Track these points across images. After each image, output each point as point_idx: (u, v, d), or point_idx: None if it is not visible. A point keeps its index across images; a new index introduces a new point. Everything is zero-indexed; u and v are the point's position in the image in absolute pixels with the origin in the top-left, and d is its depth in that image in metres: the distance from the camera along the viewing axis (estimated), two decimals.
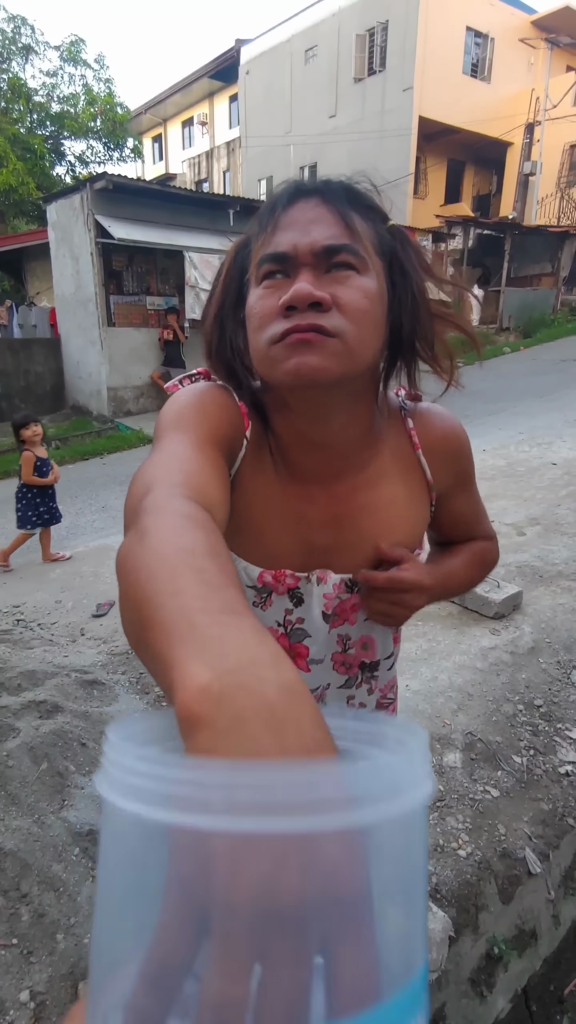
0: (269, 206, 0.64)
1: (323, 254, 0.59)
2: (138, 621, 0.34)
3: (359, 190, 0.64)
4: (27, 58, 15.72)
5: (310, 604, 0.74)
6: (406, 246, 0.66)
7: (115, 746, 0.28)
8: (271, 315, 0.60)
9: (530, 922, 1.58)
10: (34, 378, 10.38)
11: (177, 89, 23.10)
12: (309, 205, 0.61)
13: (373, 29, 15.40)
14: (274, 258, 0.60)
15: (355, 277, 0.60)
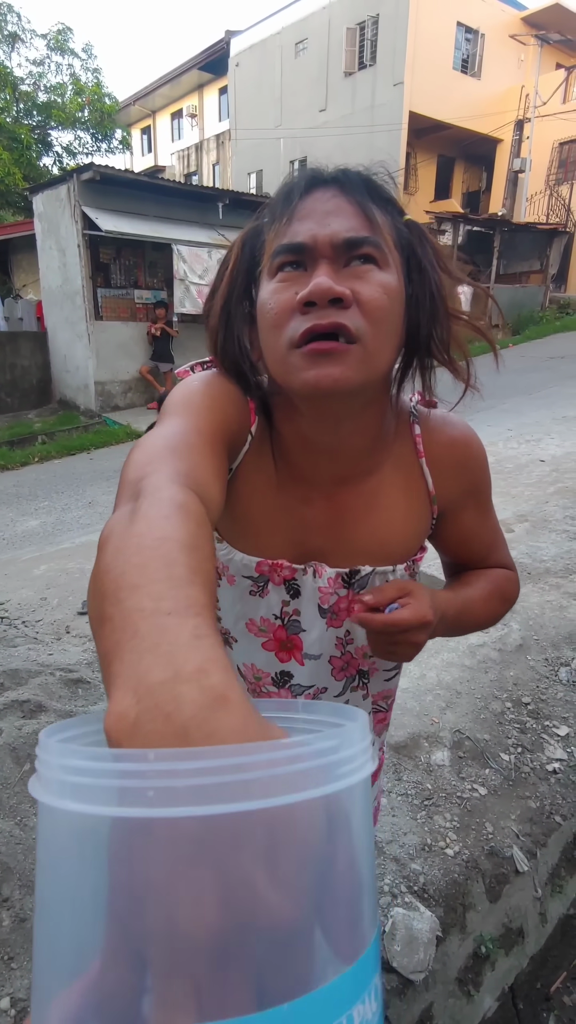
0: (284, 194, 0.61)
1: (343, 247, 0.56)
2: (96, 608, 0.34)
3: (377, 182, 0.62)
4: (13, 46, 15.50)
5: (306, 596, 0.73)
6: (424, 242, 0.63)
7: (46, 747, 0.28)
8: (288, 311, 0.57)
9: (517, 920, 1.58)
10: (20, 372, 10.25)
11: (166, 80, 22.88)
12: (327, 195, 0.58)
13: (364, 23, 15.33)
14: (291, 249, 0.57)
15: (375, 272, 0.57)
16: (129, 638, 0.30)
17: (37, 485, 6.33)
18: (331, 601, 0.72)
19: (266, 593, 0.73)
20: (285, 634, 0.75)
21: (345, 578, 0.72)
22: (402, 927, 1.38)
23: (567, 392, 7.42)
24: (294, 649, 0.76)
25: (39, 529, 4.81)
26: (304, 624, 0.74)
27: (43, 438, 8.40)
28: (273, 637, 0.76)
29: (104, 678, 0.31)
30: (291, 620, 0.74)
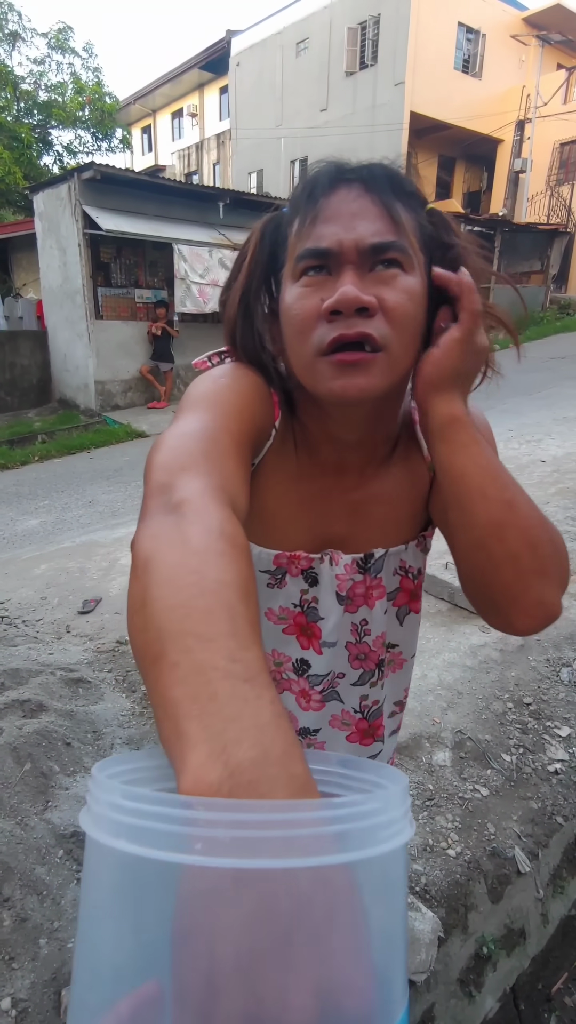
0: (306, 191, 0.59)
1: (369, 252, 0.56)
2: (154, 644, 0.34)
3: (401, 176, 0.61)
4: (14, 45, 15.48)
5: (324, 584, 0.73)
6: (450, 233, 0.62)
7: (101, 784, 0.28)
8: (313, 318, 0.57)
9: (519, 921, 1.58)
10: (20, 371, 10.24)
11: (167, 80, 22.85)
12: (351, 195, 0.57)
13: (365, 23, 15.32)
14: (316, 254, 0.57)
15: (401, 277, 0.57)
16: (207, 699, 0.30)
17: (37, 484, 6.32)
18: (348, 587, 0.73)
19: (284, 584, 0.74)
20: (305, 620, 0.76)
21: (360, 563, 0.72)
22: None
23: (568, 393, 7.42)
24: (313, 637, 0.76)
25: (39, 528, 4.81)
26: (322, 611, 0.75)
27: (43, 437, 8.39)
28: (293, 623, 0.76)
29: (167, 727, 0.31)
30: (310, 607, 0.75)
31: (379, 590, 0.74)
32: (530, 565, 0.56)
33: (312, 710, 0.81)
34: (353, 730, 0.83)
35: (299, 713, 0.81)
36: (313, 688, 0.79)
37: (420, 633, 2.43)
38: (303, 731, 0.83)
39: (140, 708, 2.09)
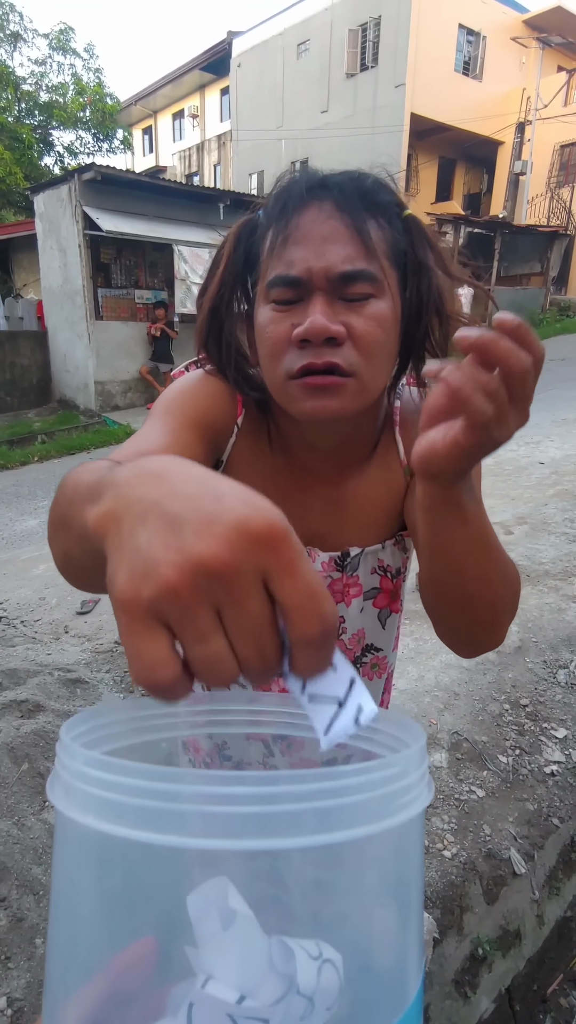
0: (279, 205, 0.59)
1: (339, 280, 0.56)
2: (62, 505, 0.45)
3: (373, 188, 0.60)
4: (15, 45, 15.50)
5: None
6: (423, 242, 0.62)
7: (71, 750, 0.27)
8: (284, 342, 0.58)
9: (514, 922, 1.58)
10: (20, 371, 10.25)
11: (168, 81, 22.88)
12: (323, 214, 0.57)
13: (366, 24, 15.34)
14: (287, 282, 0.57)
15: (371, 303, 0.58)
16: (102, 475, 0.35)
17: (36, 484, 6.33)
18: (325, 585, 0.73)
19: None
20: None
21: (337, 561, 0.73)
22: None
23: (567, 395, 7.42)
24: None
25: (38, 529, 4.81)
26: None
27: (43, 437, 8.40)
28: None
29: (73, 514, 0.37)
30: None
31: (355, 588, 0.75)
32: (486, 622, 0.57)
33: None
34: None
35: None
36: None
37: (417, 634, 2.43)
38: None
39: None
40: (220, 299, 0.65)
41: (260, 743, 0.58)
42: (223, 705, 0.47)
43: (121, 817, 0.24)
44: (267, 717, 0.46)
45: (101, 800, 0.25)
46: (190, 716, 0.47)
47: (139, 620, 0.25)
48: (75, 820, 0.25)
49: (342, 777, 0.25)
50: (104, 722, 0.36)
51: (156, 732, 0.41)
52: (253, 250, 0.63)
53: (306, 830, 0.24)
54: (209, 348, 0.67)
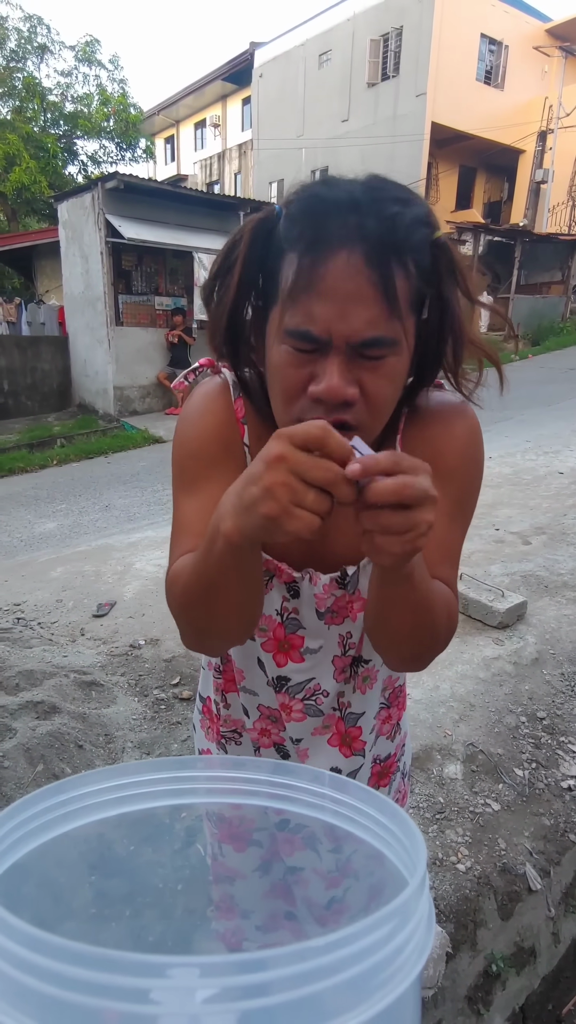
0: (305, 238, 0.56)
1: (359, 345, 0.56)
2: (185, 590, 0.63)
3: (409, 228, 0.56)
4: (42, 58, 15.81)
5: (304, 600, 0.75)
6: (451, 271, 0.61)
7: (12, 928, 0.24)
8: (297, 390, 0.59)
9: (529, 939, 1.55)
10: (41, 376, 10.40)
11: (190, 91, 23.17)
12: (351, 269, 0.54)
13: (387, 35, 15.42)
14: (307, 338, 0.57)
15: (388, 362, 0.58)
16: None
17: (55, 488, 6.40)
18: (328, 604, 0.75)
19: (270, 588, 0.75)
20: (284, 633, 0.77)
21: (339, 581, 0.73)
22: None
23: None
24: (291, 649, 0.78)
25: (56, 531, 4.86)
26: (304, 623, 0.76)
27: (62, 441, 8.50)
28: (272, 636, 0.77)
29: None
30: (290, 618, 0.76)
31: (359, 602, 0.75)
32: (414, 658, 0.67)
33: (294, 721, 0.82)
34: (333, 732, 0.83)
35: (285, 722, 0.82)
36: (294, 699, 0.80)
37: None
38: (289, 740, 0.84)
39: (152, 712, 2.10)
40: (238, 306, 0.65)
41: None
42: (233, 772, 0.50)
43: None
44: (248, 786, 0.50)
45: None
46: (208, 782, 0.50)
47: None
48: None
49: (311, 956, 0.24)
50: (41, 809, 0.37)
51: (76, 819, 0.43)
52: (269, 259, 0.61)
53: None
54: (225, 351, 0.69)
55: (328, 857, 0.52)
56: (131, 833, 0.50)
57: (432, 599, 0.61)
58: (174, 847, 0.56)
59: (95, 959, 0.22)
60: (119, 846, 0.51)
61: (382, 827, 0.38)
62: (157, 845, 0.54)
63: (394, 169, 15.50)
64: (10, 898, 0.34)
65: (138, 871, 0.54)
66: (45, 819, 0.40)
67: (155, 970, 0.22)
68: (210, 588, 0.58)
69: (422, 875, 0.30)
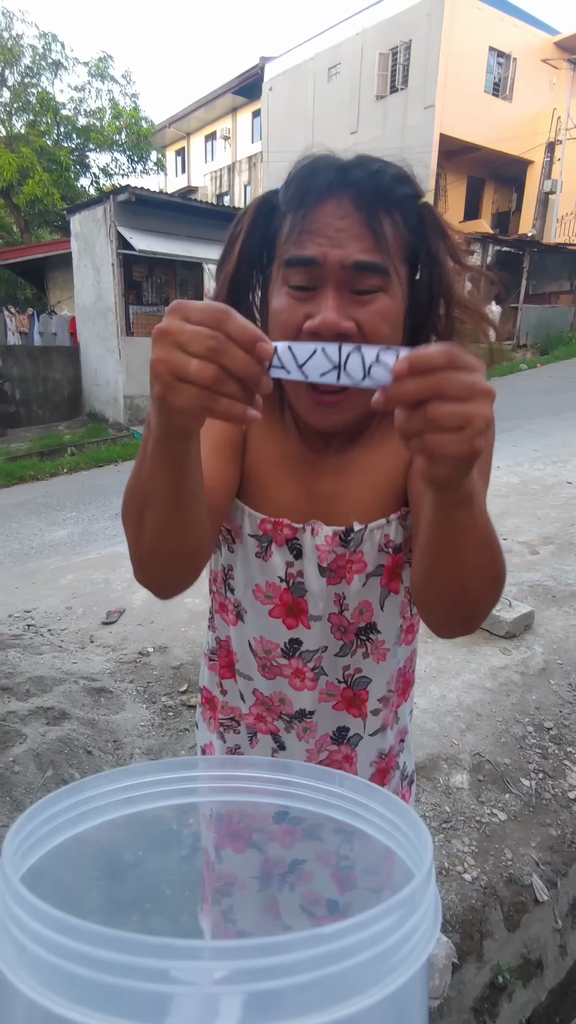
0: (299, 195, 0.62)
1: (352, 269, 0.60)
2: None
3: (391, 183, 0.62)
4: (56, 73, 16.06)
5: (307, 556, 0.74)
6: (436, 231, 0.65)
7: (27, 903, 0.26)
8: (296, 331, 0.62)
9: (536, 951, 1.55)
10: (52, 385, 10.52)
11: (201, 104, 23.47)
12: (340, 211, 0.60)
13: (396, 48, 15.57)
14: (303, 262, 0.61)
15: (380, 299, 0.61)
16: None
17: (65, 496, 6.46)
18: (329, 559, 0.74)
19: (269, 556, 0.75)
20: (291, 597, 0.76)
21: (342, 536, 0.73)
22: None
23: None
24: (300, 613, 0.77)
25: (66, 539, 4.91)
26: (308, 584, 0.76)
27: (72, 449, 8.57)
28: (279, 602, 0.77)
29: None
30: (295, 583, 0.76)
31: (359, 564, 0.74)
32: (473, 612, 0.61)
33: (307, 689, 0.80)
34: (339, 699, 0.82)
35: (294, 695, 0.81)
36: (306, 665, 0.79)
37: (440, 653, 2.42)
38: (299, 713, 0.82)
39: (160, 719, 2.12)
40: (238, 277, 0.68)
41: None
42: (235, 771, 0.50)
43: (68, 992, 0.22)
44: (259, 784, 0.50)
45: (49, 967, 0.23)
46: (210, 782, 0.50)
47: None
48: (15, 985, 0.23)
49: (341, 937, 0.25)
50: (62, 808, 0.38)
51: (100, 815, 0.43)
52: (270, 230, 0.66)
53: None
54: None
55: (333, 853, 0.53)
56: (137, 835, 0.52)
57: (493, 533, 0.55)
58: (181, 852, 0.56)
59: (119, 941, 0.24)
60: (126, 848, 0.53)
61: (388, 822, 0.39)
62: (163, 846, 0.55)
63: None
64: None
65: (145, 876, 0.55)
66: (59, 822, 0.42)
67: (172, 952, 0.24)
68: (145, 493, 0.57)
69: (428, 866, 0.32)
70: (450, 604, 0.60)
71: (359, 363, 0.43)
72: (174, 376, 0.44)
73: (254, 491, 0.75)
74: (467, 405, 0.42)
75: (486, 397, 0.42)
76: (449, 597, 0.59)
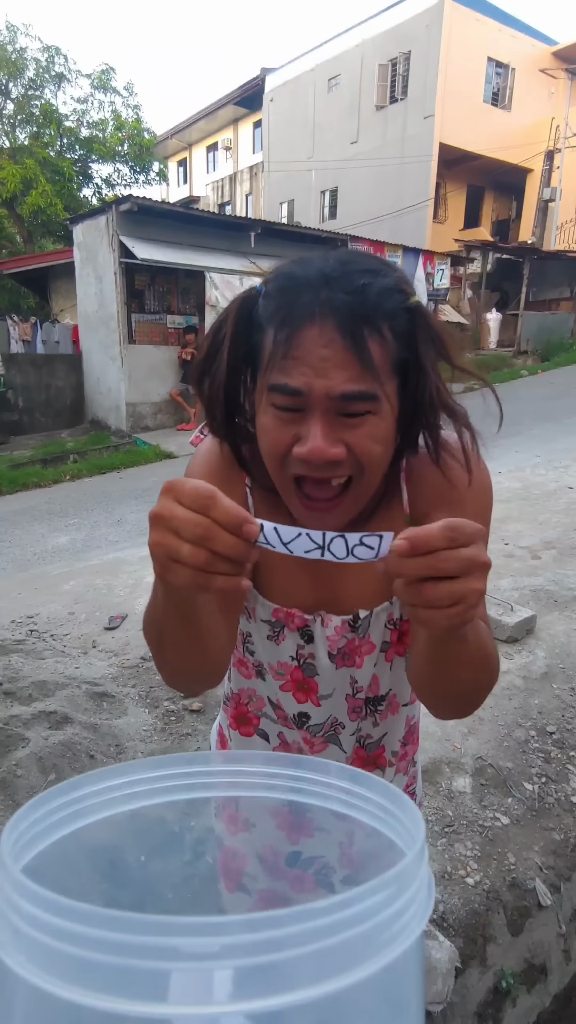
0: (280, 314, 0.59)
1: (339, 399, 0.57)
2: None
3: (379, 297, 0.58)
4: (59, 86, 16.24)
5: (318, 643, 0.76)
6: (426, 338, 0.62)
7: (24, 889, 0.26)
8: (285, 449, 0.61)
9: (540, 956, 1.54)
10: (55, 393, 10.56)
11: (203, 115, 23.69)
12: (324, 337, 0.56)
13: (395, 59, 15.72)
14: (287, 391, 0.58)
15: (369, 420, 0.59)
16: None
17: (68, 502, 6.47)
18: (340, 645, 0.76)
19: (282, 639, 0.77)
20: (301, 675, 0.79)
21: (351, 624, 0.75)
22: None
23: None
24: (310, 692, 0.79)
25: (69, 545, 4.92)
26: (318, 668, 0.78)
27: (75, 457, 8.60)
28: (290, 679, 0.80)
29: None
30: (306, 663, 0.78)
31: (368, 647, 0.76)
32: (471, 705, 0.66)
33: (316, 752, 0.84)
34: (353, 758, 0.85)
35: (306, 753, 0.85)
36: (315, 737, 0.83)
37: None
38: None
39: (162, 724, 2.12)
40: (231, 381, 0.66)
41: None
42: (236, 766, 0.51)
43: (74, 976, 0.23)
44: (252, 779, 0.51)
45: (52, 953, 0.23)
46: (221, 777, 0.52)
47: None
48: (16, 971, 0.24)
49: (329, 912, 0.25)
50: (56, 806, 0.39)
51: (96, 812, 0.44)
52: (253, 335, 0.63)
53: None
54: (223, 431, 0.70)
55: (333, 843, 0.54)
56: (138, 831, 0.52)
57: (487, 651, 0.59)
58: (183, 857, 0.57)
59: (114, 920, 0.25)
60: (125, 844, 0.53)
61: (385, 811, 0.40)
62: (165, 844, 0.56)
63: (403, 189, 15.75)
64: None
65: (148, 875, 0.56)
66: (56, 817, 0.42)
67: (170, 929, 0.25)
68: (161, 631, 0.59)
69: (420, 845, 0.32)
70: (447, 705, 0.67)
71: (342, 545, 0.47)
72: (170, 559, 0.46)
73: (265, 579, 0.75)
74: (463, 583, 0.44)
75: (482, 570, 0.45)
76: (445, 702, 0.66)
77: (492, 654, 0.61)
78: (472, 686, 0.61)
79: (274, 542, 0.47)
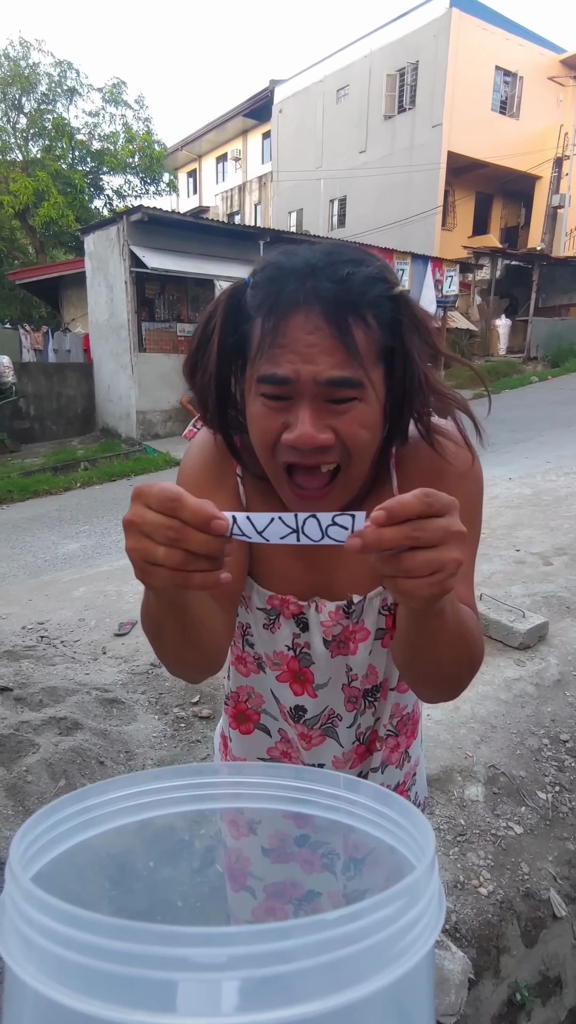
0: (267, 299, 0.60)
1: (325, 385, 0.58)
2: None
3: (363, 285, 0.59)
4: (71, 99, 16.52)
5: (313, 630, 0.76)
6: (411, 326, 0.62)
7: (24, 888, 0.26)
8: (274, 437, 0.62)
9: (555, 969, 1.52)
10: (66, 401, 10.66)
11: (212, 127, 23.95)
12: (309, 324, 0.58)
13: (403, 69, 15.83)
14: (275, 380, 0.59)
15: (356, 407, 0.60)
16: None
17: (78, 509, 6.51)
18: (335, 632, 0.76)
19: (278, 628, 0.77)
20: (298, 665, 0.79)
21: (344, 609, 0.75)
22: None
23: None
24: (306, 682, 0.79)
25: (79, 552, 4.94)
26: (314, 656, 0.78)
27: (85, 464, 8.66)
28: (287, 668, 0.79)
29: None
30: (302, 652, 0.78)
31: (362, 633, 0.76)
32: (454, 688, 0.66)
33: (315, 747, 0.83)
34: (354, 756, 0.85)
35: (302, 751, 0.84)
36: (312, 729, 0.82)
37: None
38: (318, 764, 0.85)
39: (172, 730, 2.11)
40: (221, 372, 0.67)
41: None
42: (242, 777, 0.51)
43: (81, 984, 0.22)
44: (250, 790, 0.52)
45: (62, 962, 0.23)
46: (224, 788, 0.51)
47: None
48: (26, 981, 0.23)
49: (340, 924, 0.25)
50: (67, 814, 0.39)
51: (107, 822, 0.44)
52: (242, 326, 0.64)
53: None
54: (216, 417, 0.71)
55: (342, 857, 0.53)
56: (148, 841, 0.52)
57: (467, 627, 0.59)
58: (192, 865, 0.57)
59: (123, 930, 0.24)
60: (135, 853, 0.53)
61: (393, 823, 0.40)
62: (174, 853, 0.55)
63: (411, 197, 15.80)
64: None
65: (157, 885, 0.56)
66: (66, 827, 0.42)
67: (179, 940, 0.24)
68: (156, 625, 0.61)
69: (431, 858, 0.32)
70: (429, 685, 0.67)
71: (316, 526, 0.47)
72: (147, 562, 0.47)
73: (260, 567, 0.76)
74: (440, 551, 0.45)
75: (458, 539, 0.46)
76: (427, 682, 0.66)
77: (473, 633, 0.61)
78: (453, 667, 0.62)
79: (248, 532, 0.47)
